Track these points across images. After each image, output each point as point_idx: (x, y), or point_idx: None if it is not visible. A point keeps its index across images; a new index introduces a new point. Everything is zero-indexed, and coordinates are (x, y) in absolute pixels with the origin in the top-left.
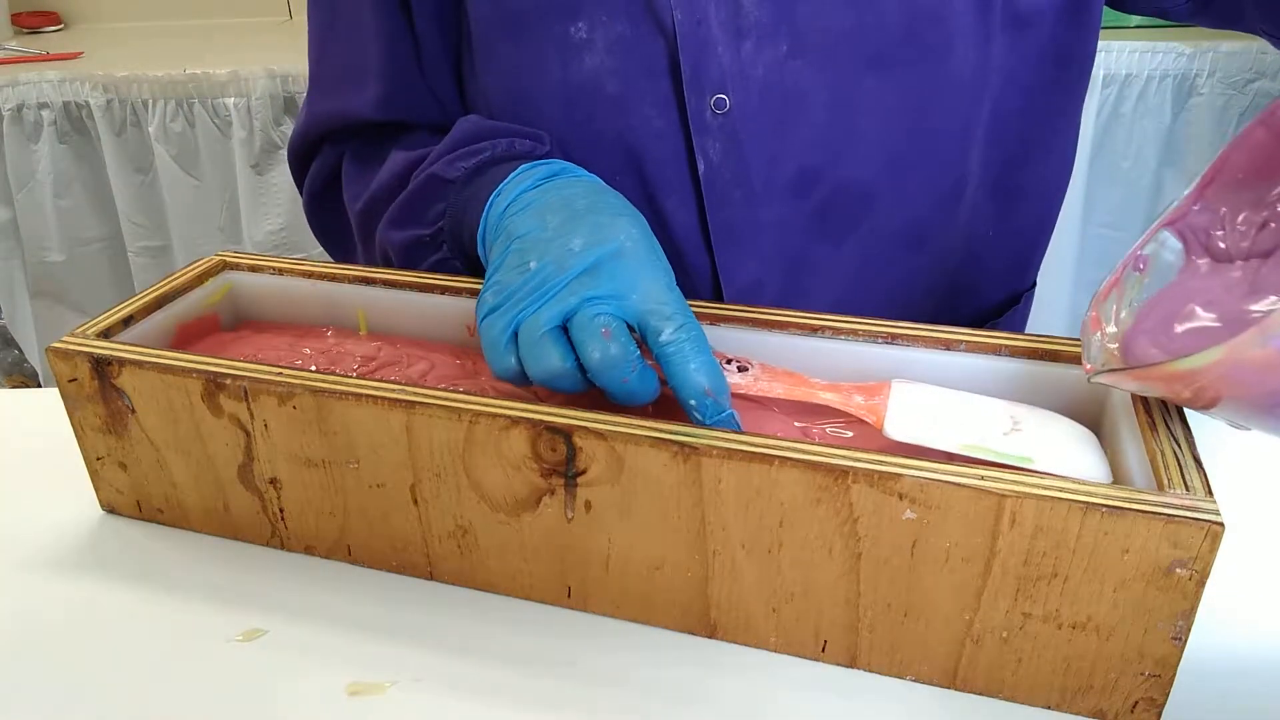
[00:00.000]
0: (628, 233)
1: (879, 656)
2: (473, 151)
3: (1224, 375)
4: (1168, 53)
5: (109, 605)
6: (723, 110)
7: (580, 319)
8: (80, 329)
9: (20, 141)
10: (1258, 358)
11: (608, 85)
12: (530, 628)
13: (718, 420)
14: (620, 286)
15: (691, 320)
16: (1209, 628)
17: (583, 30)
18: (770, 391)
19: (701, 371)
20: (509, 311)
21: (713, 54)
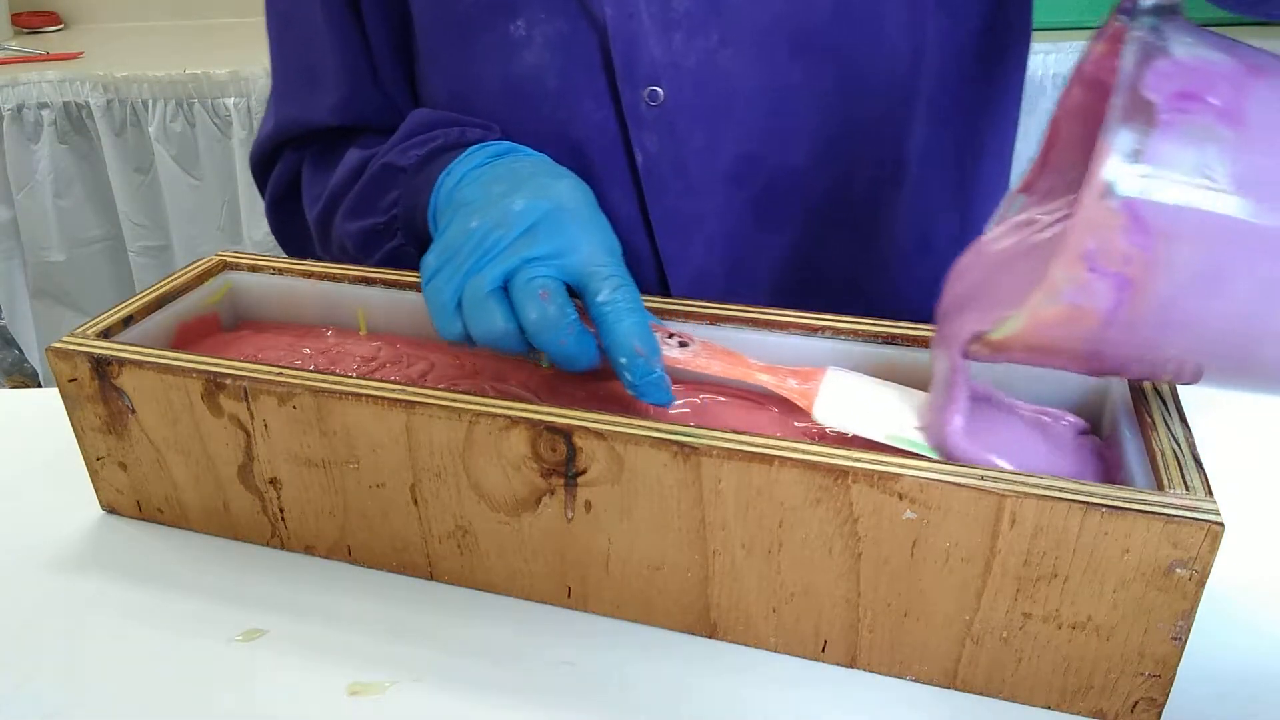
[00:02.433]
0: (569, 194)
1: (879, 656)
2: (425, 140)
3: (1037, 336)
4: None
5: (109, 605)
6: (656, 102)
7: (519, 280)
8: (80, 329)
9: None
10: (1056, 314)
11: (547, 81)
12: (530, 628)
13: (647, 381)
14: (560, 247)
15: (629, 282)
16: (1209, 628)
17: (521, 28)
18: (709, 369)
19: (633, 331)
20: (453, 275)
21: (644, 46)
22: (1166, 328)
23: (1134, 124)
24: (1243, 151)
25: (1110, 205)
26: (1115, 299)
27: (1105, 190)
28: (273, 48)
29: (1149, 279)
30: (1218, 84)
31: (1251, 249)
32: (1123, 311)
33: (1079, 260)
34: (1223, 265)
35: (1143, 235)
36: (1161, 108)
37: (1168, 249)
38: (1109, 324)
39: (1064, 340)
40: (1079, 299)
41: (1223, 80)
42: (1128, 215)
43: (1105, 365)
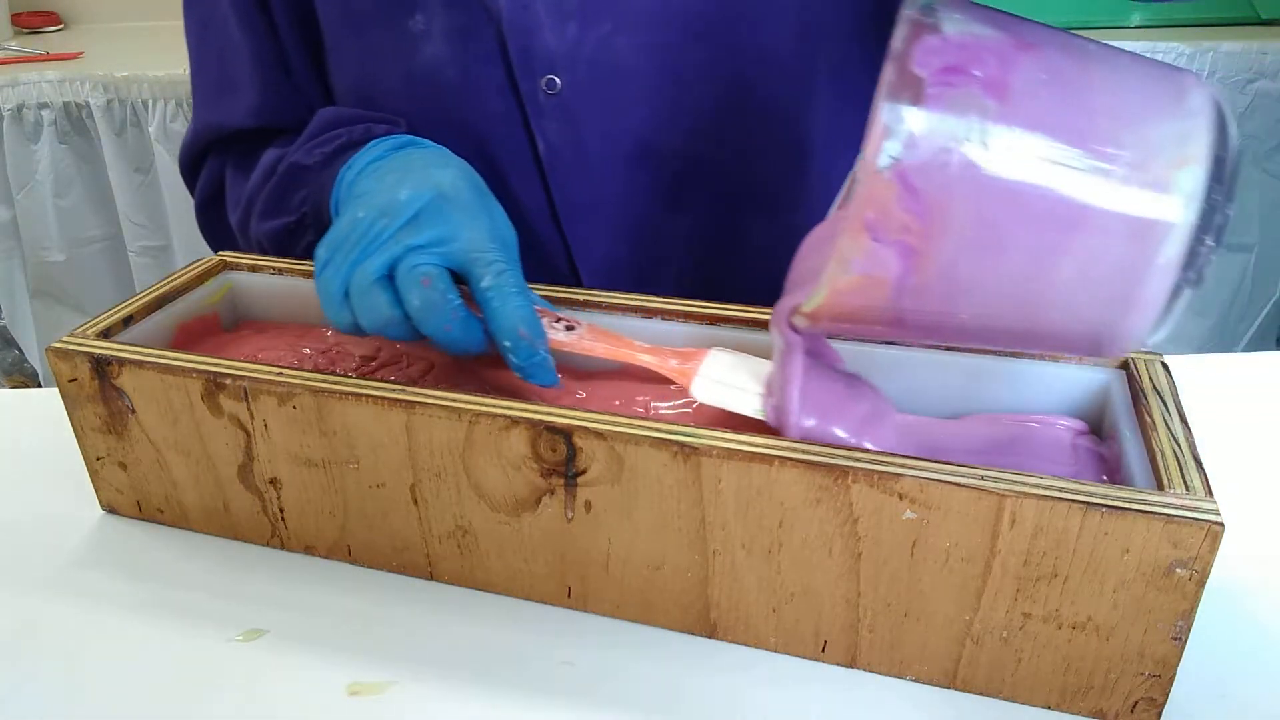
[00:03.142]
0: (453, 182)
1: (879, 656)
2: (330, 138)
3: (840, 306)
4: (1167, 53)
5: (109, 605)
6: (554, 91)
7: (402, 268)
8: (80, 329)
9: (20, 141)
10: (851, 284)
11: (447, 73)
12: (530, 628)
13: (532, 363)
14: (443, 234)
15: (513, 268)
16: (1209, 628)
17: (420, 22)
18: (594, 350)
19: (516, 314)
20: (341, 266)
21: (539, 36)
22: (954, 291)
23: (903, 98)
24: (1006, 121)
25: (884, 177)
26: (901, 266)
27: (878, 163)
28: (191, 54)
29: (929, 245)
30: (985, 58)
31: (1019, 214)
32: (910, 278)
33: (862, 231)
34: (995, 230)
35: (917, 204)
36: (929, 82)
37: (942, 216)
38: (900, 290)
39: (866, 308)
40: (868, 268)
41: (990, 54)
42: (901, 185)
43: (913, 330)
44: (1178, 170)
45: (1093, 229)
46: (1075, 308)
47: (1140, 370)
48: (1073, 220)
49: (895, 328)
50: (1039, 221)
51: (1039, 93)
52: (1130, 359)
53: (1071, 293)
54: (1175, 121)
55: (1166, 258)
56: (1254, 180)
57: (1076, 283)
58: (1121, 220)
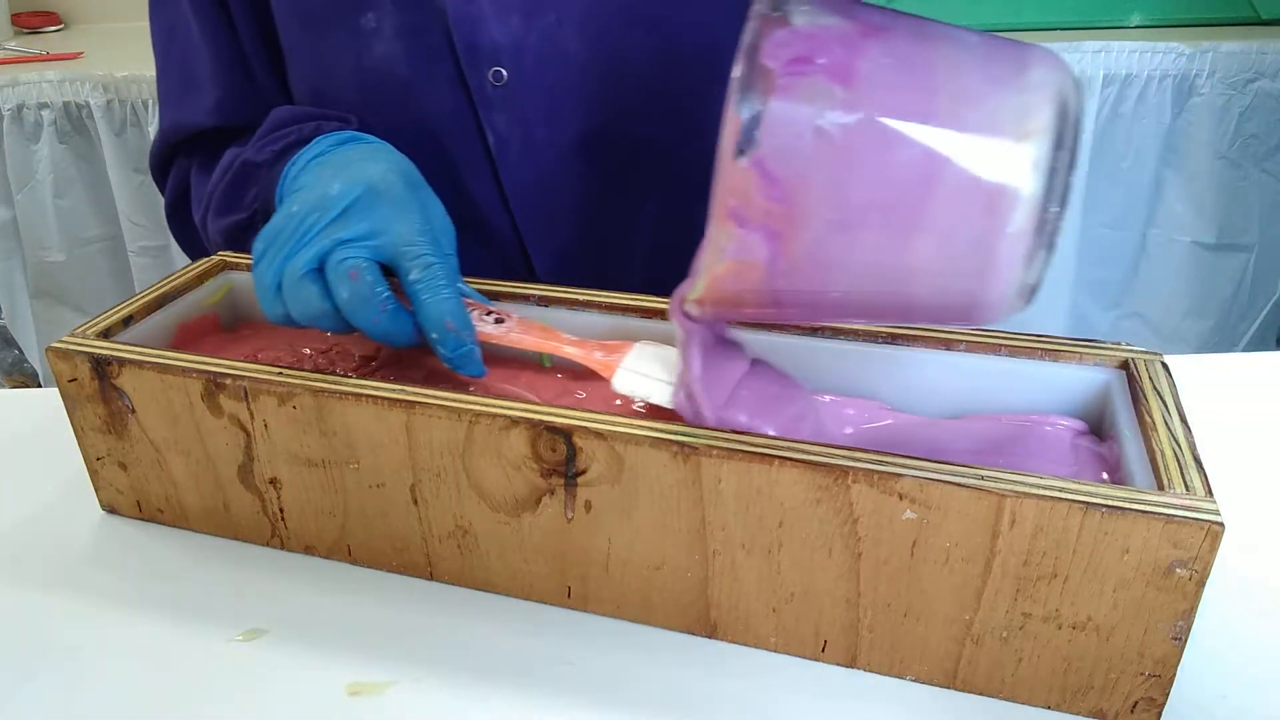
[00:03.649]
0: (385, 177)
1: (879, 656)
2: (281, 135)
3: (722, 291)
4: (1167, 53)
5: (109, 605)
6: (501, 82)
7: (332, 261)
8: (80, 329)
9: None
10: (727, 270)
11: (398, 70)
12: (530, 628)
13: (459, 354)
14: (372, 228)
15: (440, 260)
16: (1209, 628)
17: (371, 20)
18: (522, 343)
19: (444, 307)
20: (274, 259)
21: (484, 29)
22: (822, 271)
23: (755, 90)
24: (853, 105)
25: (742, 165)
26: (769, 250)
27: (736, 152)
28: (157, 59)
29: (791, 229)
30: (831, 46)
31: (872, 194)
32: (780, 260)
33: (728, 218)
34: (851, 211)
35: (776, 189)
36: (779, 73)
37: (801, 200)
38: (773, 273)
39: (746, 292)
40: (739, 254)
41: (836, 43)
42: (759, 173)
43: (796, 310)
44: (1021, 143)
45: (942, 205)
46: (938, 280)
47: (1140, 370)
48: (923, 197)
49: (779, 309)
50: (891, 200)
51: (884, 76)
52: (1130, 359)
53: (931, 266)
54: (1017, 95)
55: (1017, 226)
56: (1254, 180)
57: (934, 256)
58: (969, 195)
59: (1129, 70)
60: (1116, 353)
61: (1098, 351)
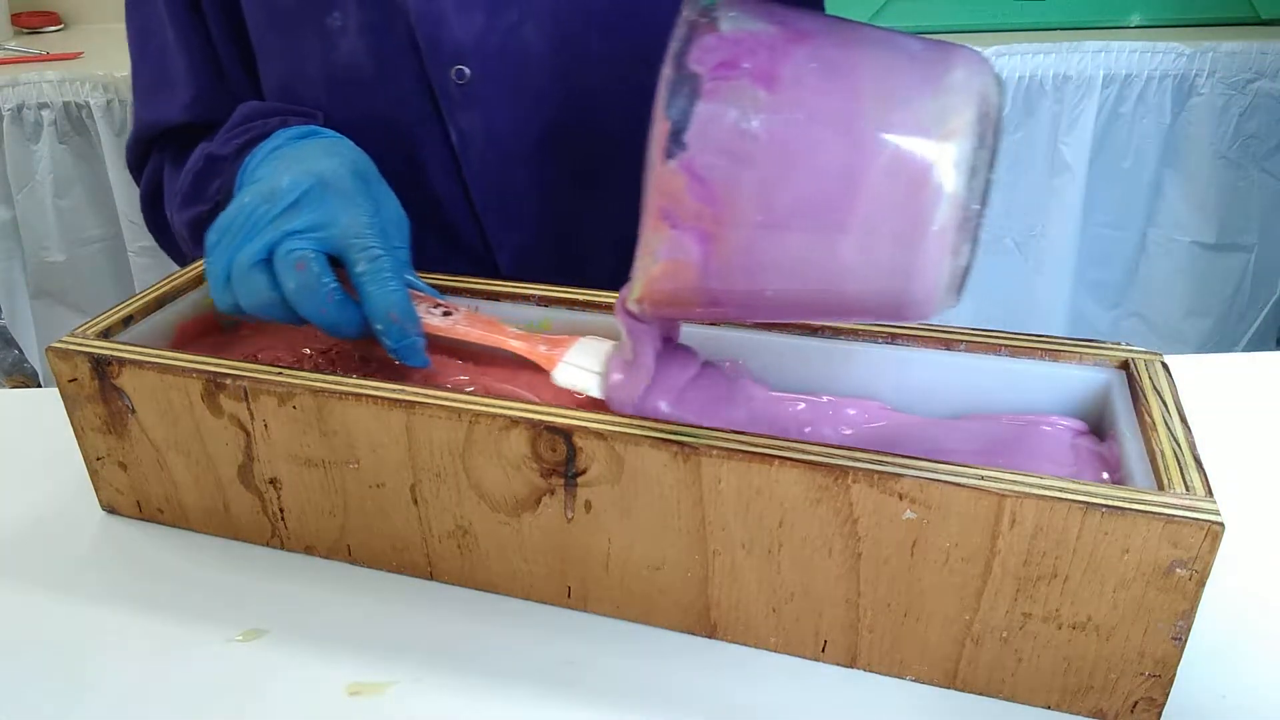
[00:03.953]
0: (336, 170)
1: (879, 656)
2: (246, 129)
3: (659, 291)
4: (1167, 53)
5: (109, 605)
6: (464, 80)
7: (280, 252)
8: (80, 329)
9: (20, 141)
10: (662, 270)
11: (364, 67)
12: (530, 628)
13: (403, 345)
14: (320, 220)
15: (388, 252)
16: (1209, 628)
17: (338, 19)
18: (467, 336)
19: (389, 299)
20: (225, 249)
21: (447, 28)
22: (753, 270)
23: (682, 94)
24: (777, 109)
25: (671, 167)
26: (701, 250)
27: (665, 155)
28: (132, 55)
29: (721, 229)
30: (758, 52)
31: (797, 195)
32: (712, 260)
33: (660, 219)
34: (777, 211)
35: (705, 191)
36: (705, 77)
37: (729, 201)
38: (706, 273)
39: (683, 291)
40: (673, 254)
41: (763, 48)
42: (688, 174)
43: (733, 309)
44: (943, 143)
45: (867, 204)
46: (866, 278)
47: (1140, 370)
48: (847, 198)
49: (717, 308)
50: (817, 201)
51: (809, 80)
52: (1130, 359)
53: (859, 265)
54: (939, 97)
55: (940, 224)
56: (1254, 180)
57: (861, 255)
58: (893, 194)
59: (1129, 70)
60: (1116, 353)
61: (1098, 351)
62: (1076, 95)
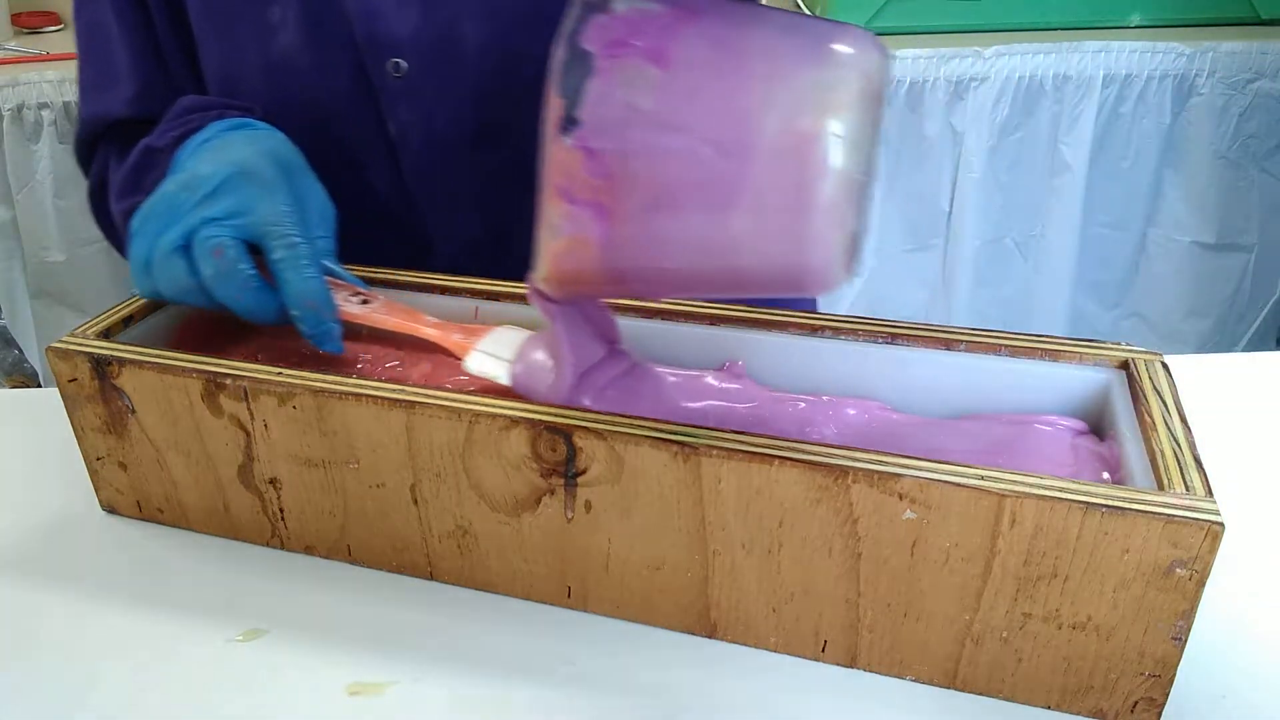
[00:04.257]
0: (253, 158)
1: (879, 656)
2: (183, 122)
3: (563, 268)
4: (1167, 53)
5: (109, 605)
6: (400, 73)
7: (198, 239)
8: (80, 329)
9: (20, 141)
10: (563, 247)
11: (301, 61)
12: (530, 628)
13: (318, 331)
14: (238, 207)
15: (305, 240)
16: (1209, 628)
17: (276, 13)
18: (384, 324)
19: (304, 285)
20: (146, 236)
21: (383, 21)
22: (651, 245)
23: (575, 72)
24: (668, 86)
25: (566, 144)
26: (600, 225)
27: (559, 132)
28: (79, 50)
29: (617, 204)
30: (649, 30)
31: (688, 170)
32: (612, 235)
33: (558, 196)
34: (669, 185)
35: (600, 167)
36: (598, 56)
37: (623, 177)
38: (607, 247)
39: (587, 269)
40: (572, 230)
41: (655, 27)
42: (582, 152)
43: (639, 286)
44: (826, 118)
45: (755, 179)
46: (760, 252)
47: (1140, 370)
48: (736, 173)
49: (623, 284)
50: (706, 176)
51: (698, 58)
52: (1130, 359)
53: (750, 239)
54: (823, 72)
55: (827, 198)
56: (1254, 180)
57: (752, 229)
58: (780, 169)
59: (1129, 70)
60: (1116, 353)
61: (1098, 351)
62: (1076, 95)
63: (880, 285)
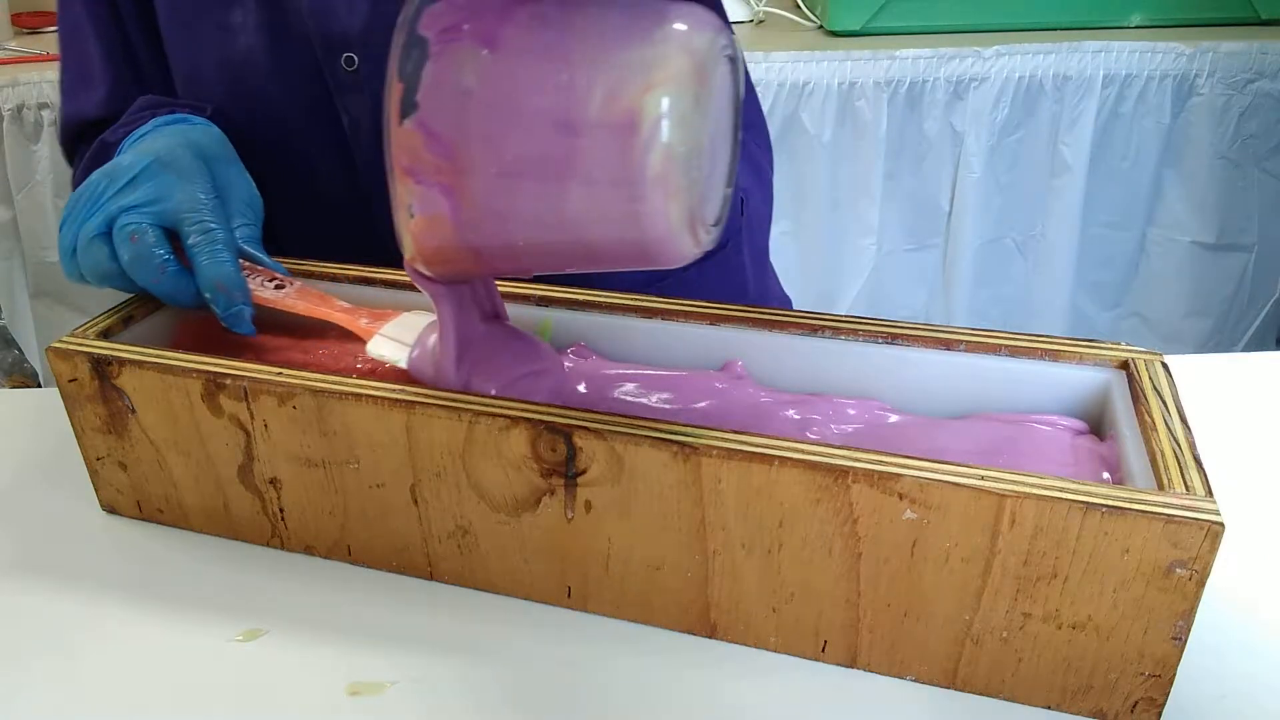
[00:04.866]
0: (173, 148)
1: (879, 656)
2: (136, 119)
3: (426, 247)
4: (1167, 53)
5: (109, 605)
6: (353, 68)
7: (117, 225)
8: (80, 329)
9: (20, 141)
10: (420, 226)
11: (260, 61)
12: (530, 628)
13: (228, 313)
14: (155, 195)
15: (220, 226)
16: (1209, 628)
17: (238, 15)
18: (295, 308)
19: (217, 269)
20: (72, 223)
21: (336, 18)
22: (500, 220)
23: (413, 57)
24: (499, 66)
25: (407, 126)
26: (449, 203)
27: (400, 114)
28: (60, 51)
29: (462, 182)
30: (482, 15)
31: (522, 147)
32: (462, 212)
33: (406, 176)
34: (506, 162)
35: (440, 146)
36: (433, 41)
37: (463, 155)
38: (460, 225)
39: (448, 247)
40: (425, 209)
41: (487, 11)
42: (423, 132)
43: (499, 261)
44: (649, 93)
45: (585, 154)
46: (602, 225)
47: (1140, 370)
48: (567, 148)
49: (485, 261)
50: (539, 152)
51: (529, 38)
52: (1130, 359)
53: (590, 212)
54: (650, 48)
55: (653, 171)
56: (1254, 180)
57: (589, 203)
58: (608, 143)
59: (1129, 70)
60: (1116, 353)
61: (1098, 351)
62: (1076, 95)
63: (880, 285)
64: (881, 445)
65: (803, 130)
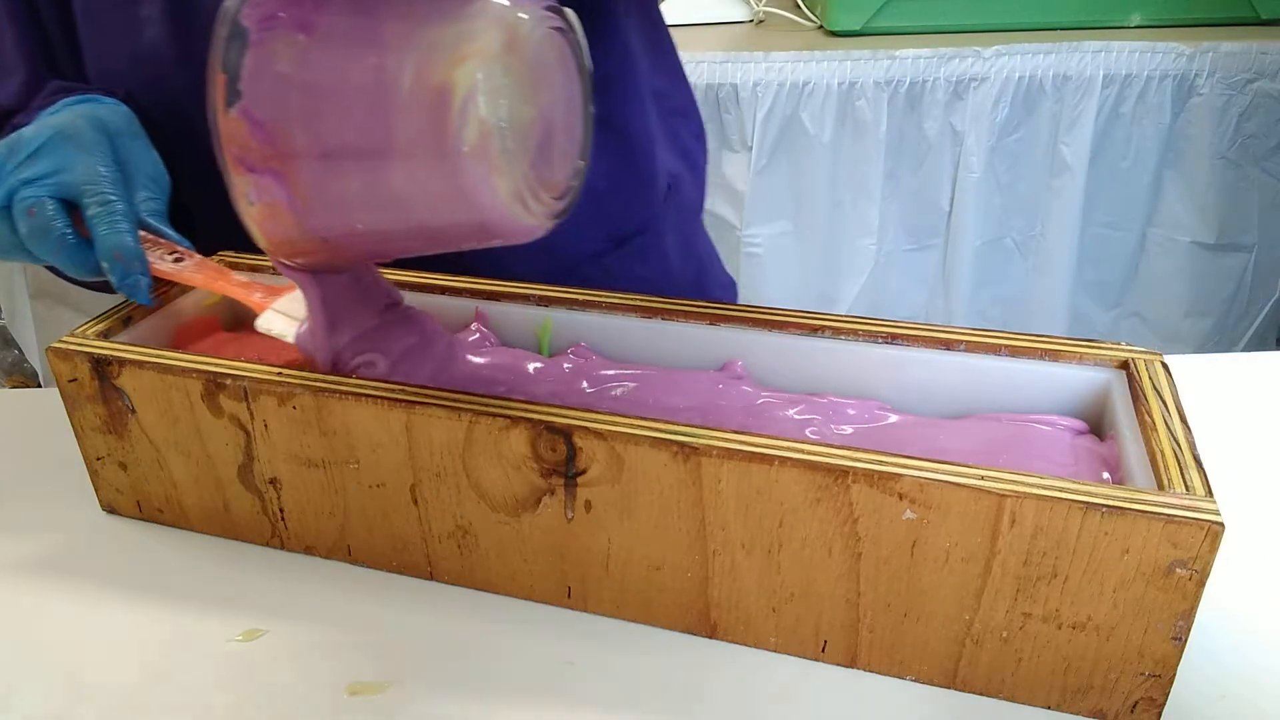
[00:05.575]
0: (74, 121)
1: (879, 656)
2: (47, 102)
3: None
4: (1167, 53)
5: (109, 605)
6: None
7: (16, 198)
8: (80, 329)
9: None
10: (261, 214)
11: (169, 51)
12: (530, 628)
13: (124, 283)
14: (55, 167)
15: (118, 198)
16: (1209, 628)
17: (145, 9)
18: (192, 280)
19: (114, 239)
20: None
21: None
22: (335, 205)
23: (234, 47)
24: (315, 51)
25: (232, 115)
26: (283, 191)
27: (224, 104)
28: None
29: (289, 167)
30: (301, 2)
31: (343, 131)
32: (296, 200)
33: (238, 165)
34: (328, 144)
35: (265, 134)
36: (253, 30)
37: (287, 141)
38: (297, 211)
39: (294, 235)
40: (262, 197)
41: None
42: (248, 121)
43: (348, 248)
44: (458, 68)
45: (401, 132)
46: (434, 203)
47: (1140, 370)
48: (383, 128)
49: (333, 247)
50: (357, 133)
51: (342, 23)
52: (1130, 359)
53: (417, 191)
54: (456, 26)
55: (472, 145)
56: (1254, 180)
57: (413, 182)
58: (422, 121)
59: (1129, 70)
60: (1116, 353)
61: (1098, 351)
62: (1076, 95)
63: (880, 285)
64: (881, 445)
65: (803, 130)
